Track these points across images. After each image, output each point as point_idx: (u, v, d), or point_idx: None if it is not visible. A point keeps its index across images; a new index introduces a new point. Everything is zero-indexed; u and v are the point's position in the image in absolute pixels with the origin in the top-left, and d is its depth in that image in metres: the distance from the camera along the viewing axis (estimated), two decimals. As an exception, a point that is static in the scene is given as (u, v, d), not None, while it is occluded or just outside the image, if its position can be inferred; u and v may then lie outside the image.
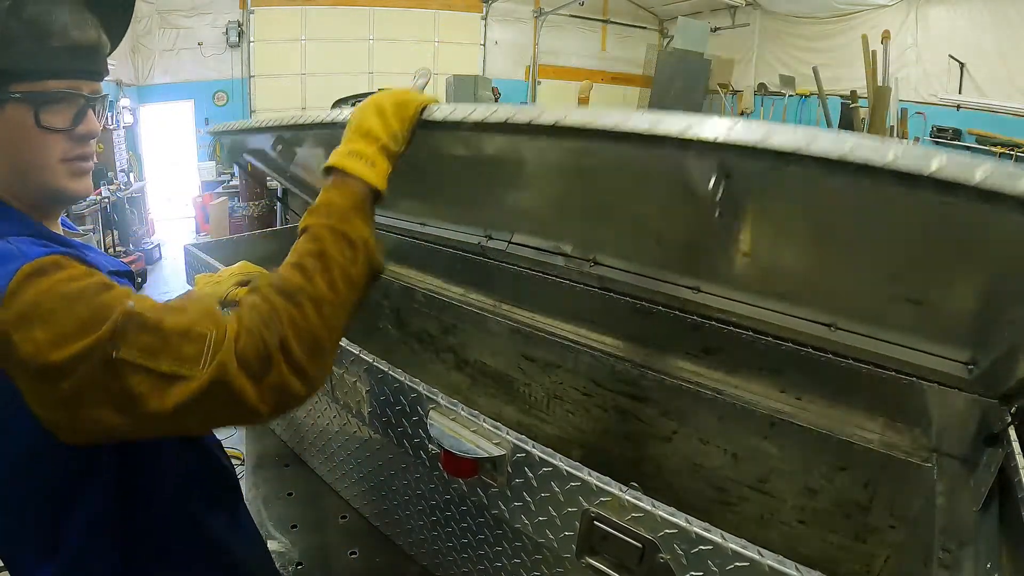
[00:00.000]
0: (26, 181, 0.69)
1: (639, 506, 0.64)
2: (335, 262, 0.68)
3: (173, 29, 8.15)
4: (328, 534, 1.26)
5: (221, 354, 0.59)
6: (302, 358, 0.63)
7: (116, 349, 0.57)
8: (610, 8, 10.58)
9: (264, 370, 0.61)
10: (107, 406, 0.58)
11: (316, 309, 0.65)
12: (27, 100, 0.65)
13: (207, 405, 0.59)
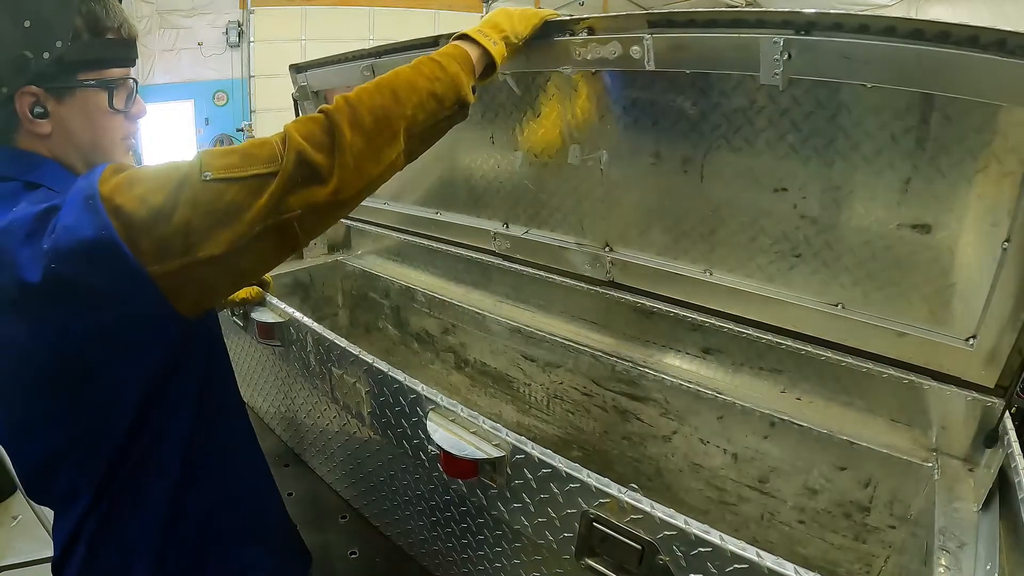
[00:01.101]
0: (90, 157, 0.77)
1: (638, 507, 0.64)
2: (423, 70, 0.83)
3: (173, 29, 8.15)
4: (328, 534, 1.26)
5: (291, 142, 0.69)
6: (368, 122, 0.74)
7: (205, 175, 0.65)
8: (610, 8, 10.59)
9: (330, 138, 0.72)
10: (217, 224, 0.65)
11: (391, 89, 0.78)
12: (100, 85, 0.75)
13: (294, 186, 0.68)
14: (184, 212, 0.64)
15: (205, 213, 0.65)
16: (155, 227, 0.63)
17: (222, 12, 8.44)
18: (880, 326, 1.08)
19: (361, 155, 0.74)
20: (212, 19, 8.38)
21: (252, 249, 0.68)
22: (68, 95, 0.73)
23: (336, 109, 0.75)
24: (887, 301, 1.06)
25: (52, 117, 0.73)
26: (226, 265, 0.67)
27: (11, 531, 2.41)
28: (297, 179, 0.69)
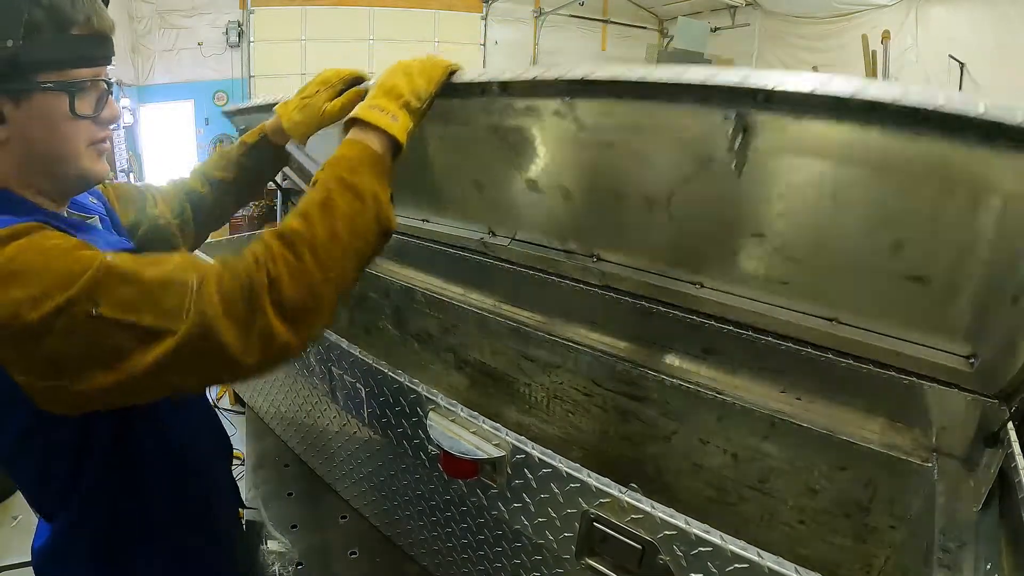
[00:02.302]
0: (51, 168, 0.69)
1: (639, 507, 0.64)
2: (339, 211, 0.67)
3: (173, 29, 8.15)
4: (328, 534, 1.26)
5: (202, 301, 0.58)
6: (294, 302, 0.61)
7: (96, 305, 0.55)
8: (610, 8, 10.58)
9: (250, 313, 0.59)
10: (93, 365, 0.57)
11: (313, 253, 0.63)
12: (60, 89, 0.66)
13: (191, 357, 0.58)
14: (55, 343, 0.55)
15: (81, 352, 0.56)
16: (22, 343, 0.55)
17: (222, 12, 8.44)
18: (878, 345, 1.07)
19: (283, 343, 0.61)
20: (212, 19, 8.38)
21: (126, 395, 0.60)
22: (25, 98, 0.64)
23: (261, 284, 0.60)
24: (883, 317, 1.05)
25: (8, 122, 0.64)
26: (95, 399, 0.59)
27: (11, 531, 2.41)
28: (195, 349, 0.58)
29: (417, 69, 0.82)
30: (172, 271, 0.60)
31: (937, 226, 0.78)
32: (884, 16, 7.32)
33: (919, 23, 7.10)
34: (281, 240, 0.63)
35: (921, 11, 7.08)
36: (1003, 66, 6.41)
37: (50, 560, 0.75)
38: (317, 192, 0.68)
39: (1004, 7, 6.30)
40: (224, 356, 0.58)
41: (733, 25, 9.65)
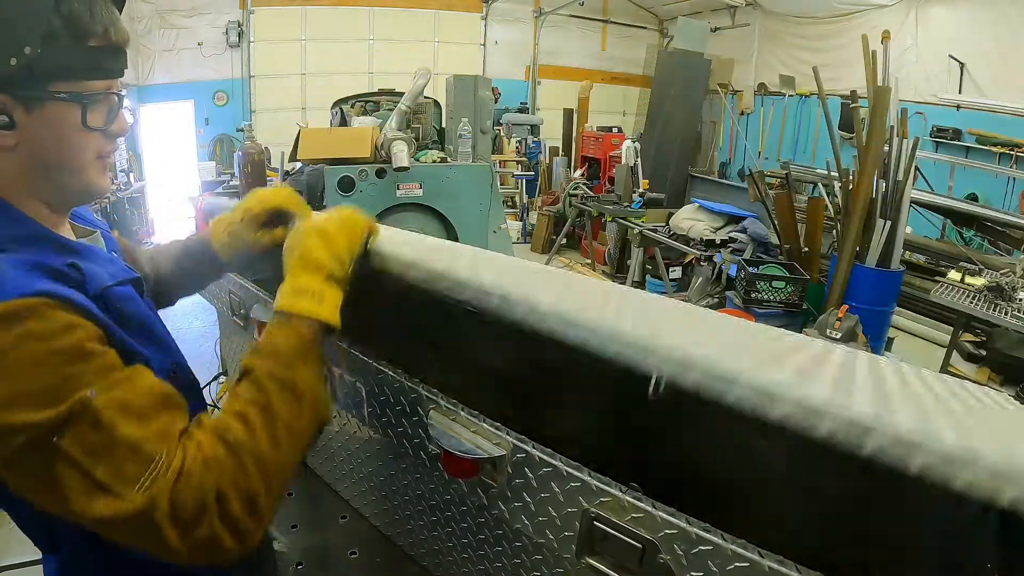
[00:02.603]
0: (57, 178, 0.68)
1: (639, 507, 0.64)
2: (279, 417, 0.65)
3: (173, 29, 8.16)
4: (328, 534, 1.26)
5: (157, 487, 0.56)
6: (238, 514, 0.59)
7: (60, 436, 0.54)
8: (610, 8, 10.59)
9: (195, 521, 0.58)
10: (33, 487, 0.57)
11: (258, 466, 0.61)
12: (73, 100, 0.65)
13: (127, 530, 0.57)
14: (9, 452, 0.54)
15: (28, 468, 0.56)
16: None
17: (222, 12, 8.46)
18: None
19: (222, 551, 0.59)
20: (212, 19, 8.40)
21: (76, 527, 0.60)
22: (37, 106, 0.64)
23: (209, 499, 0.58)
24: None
25: (19, 129, 0.63)
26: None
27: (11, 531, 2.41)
28: (133, 527, 0.56)
29: (335, 230, 0.78)
30: (147, 437, 0.58)
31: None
32: (884, 16, 7.33)
33: (919, 23, 7.10)
34: (228, 450, 0.61)
35: (921, 11, 7.09)
36: (1003, 66, 6.42)
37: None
38: (255, 391, 0.66)
39: (1004, 7, 6.30)
40: (160, 544, 0.57)
41: (733, 25, 9.66)
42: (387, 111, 4.42)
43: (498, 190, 4.45)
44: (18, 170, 0.66)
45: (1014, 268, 3.75)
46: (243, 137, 5.67)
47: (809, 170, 6.40)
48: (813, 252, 4.62)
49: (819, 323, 3.54)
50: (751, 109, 9.52)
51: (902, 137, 3.98)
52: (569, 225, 6.02)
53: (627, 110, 10.94)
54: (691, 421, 0.75)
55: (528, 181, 8.07)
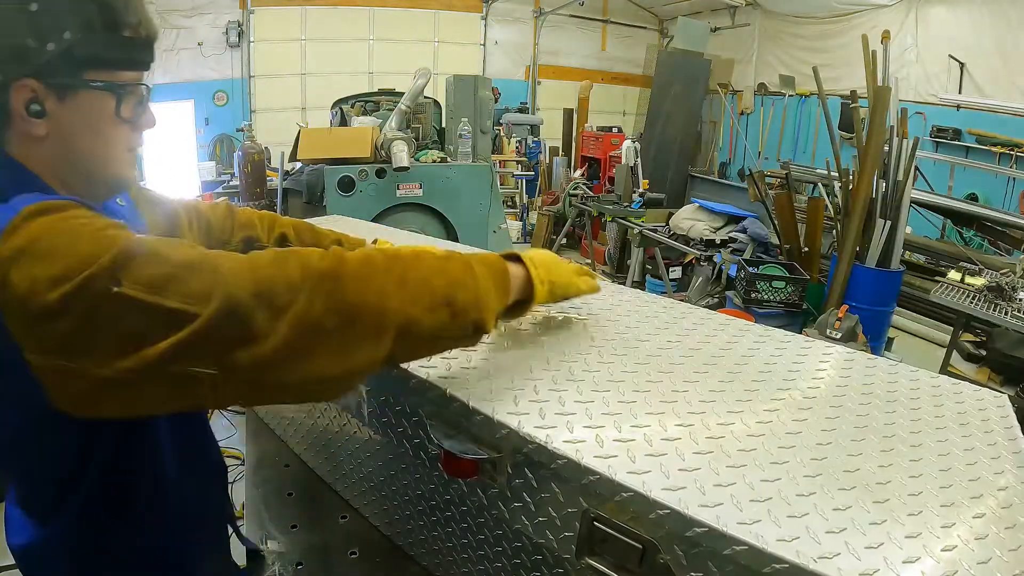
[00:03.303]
0: (86, 168, 0.68)
1: (639, 507, 0.63)
2: (442, 268, 0.67)
3: (173, 29, 8.15)
4: (328, 534, 1.26)
5: (231, 282, 0.54)
6: (354, 302, 0.57)
7: (118, 283, 0.52)
8: (610, 8, 10.59)
9: (287, 301, 0.55)
10: (109, 347, 0.53)
11: (400, 277, 0.62)
12: (109, 89, 0.66)
13: (215, 341, 0.54)
14: (74, 321, 0.52)
15: (98, 330, 0.52)
16: (37, 321, 0.52)
17: (222, 12, 8.46)
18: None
19: (319, 340, 0.57)
20: (212, 19, 8.40)
21: (143, 390, 0.56)
22: (71, 95, 0.63)
23: (319, 271, 0.58)
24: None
25: (50, 118, 0.63)
26: (107, 391, 0.55)
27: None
28: (221, 333, 0.54)
29: (565, 278, 0.90)
30: (202, 255, 0.57)
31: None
32: (884, 16, 7.33)
33: (919, 23, 7.11)
34: (364, 256, 0.61)
35: (921, 11, 7.09)
36: (1003, 66, 6.42)
37: (39, 563, 0.74)
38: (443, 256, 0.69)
39: (1004, 7, 6.30)
40: (250, 341, 0.54)
41: (733, 25, 9.66)
42: (387, 111, 4.42)
43: (498, 190, 4.45)
44: (49, 161, 0.65)
45: (1014, 268, 3.74)
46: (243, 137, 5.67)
47: (809, 170, 6.39)
48: (813, 252, 4.62)
49: (819, 323, 3.54)
50: (751, 109, 9.52)
51: (902, 137, 3.98)
52: (569, 225, 6.01)
53: (627, 110, 10.94)
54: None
55: (528, 181, 8.06)
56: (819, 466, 0.67)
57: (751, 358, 0.96)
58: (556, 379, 0.83)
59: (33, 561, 0.74)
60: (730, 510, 0.59)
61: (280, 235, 1.12)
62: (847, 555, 0.54)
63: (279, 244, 1.12)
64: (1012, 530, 0.60)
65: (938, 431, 0.78)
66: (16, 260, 0.52)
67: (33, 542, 0.72)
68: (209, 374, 0.55)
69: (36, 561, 0.74)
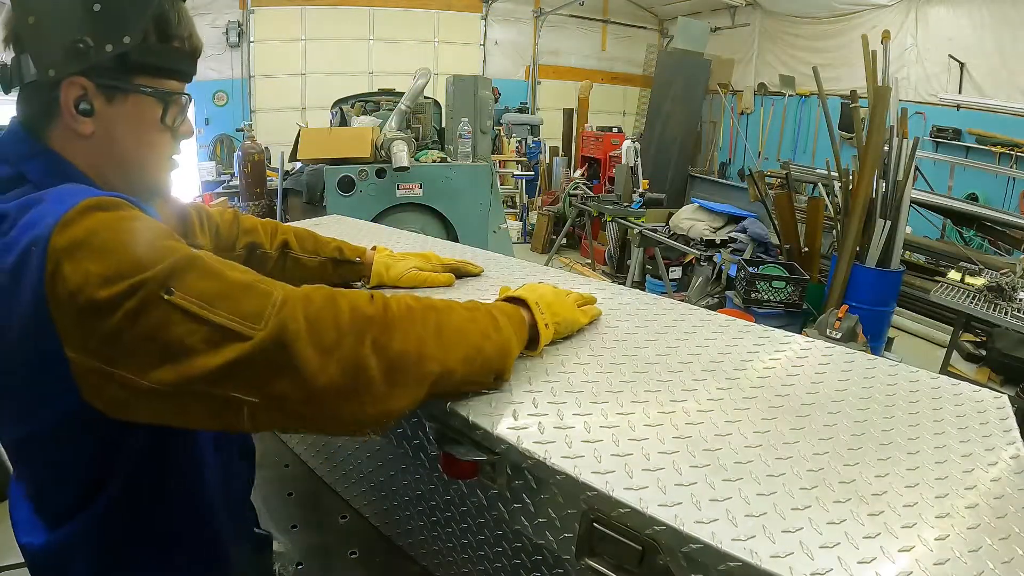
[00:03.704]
0: (128, 172, 0.69)
1: (639, 509, 0.64)
2: (473, 320, 0.72)
3: (173, 29, 8.14)
4: (328, 534, 1.26)
5: (284, 314, 0.55)
6: (398, 351, 0.60)
7: (169, 291, 0.52)
8: (610, 8, 10.59)
9: (336, 341, 0.56)
10: (151, 355, 0.52)
11: (436, 328, 0.66)
12: (157, 96, 0.67)
13: (260, 368, 0.54)
14: (120, 322, 0.51)
15: (143, 336, 0.52)
16: (84, 317, 0.52)
17: (222, 12, 8.45)
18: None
19: (364, 383, 0.58)
20: (212, 19, 8.39)
21: (180, 404, 0.55)
22: (120, 98, 0.65)
23: (367, 317, 0.60)
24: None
25: (97, 118, 0.64)
26: (143, 400, 0.54)
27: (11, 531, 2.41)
28: (268, 361, 0.54)
29: (568, 312, 0.93)
30: (257, 279, 0.57)
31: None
32: (884, 16, 7.33)
33: (919, 23, 7.10)
34: (404, 306, 0.64)
35: (921, 11, 7.08)
36: (1003, 66, 6.42)
37: (52, 566, 0.71)
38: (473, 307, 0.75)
39: (1004, 7, 6.30)
40: (297, 374, 0.54)
41: (733, 25, 9.66)
42: (387, 111, 4.42)
43: (498, 190, 4.45)
44: (91, 160, 0.66)
45: (1014, 268, 3.74)
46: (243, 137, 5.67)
47: (809, 170, 6.39)
48: (813, 252, 4.62)
49: (819, 323, 3.54)
50: (751, 109, 9.52)
51: (902, 137, 3.98)
52: (569, 225, 6.02)
53: (627, 110, 10.94)
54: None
55: (528, 181, 8.07)
56: (815, 477, 0.67)
57: (750, 362, 0.96)
58: (555, 391, 0.83)
59: (52, 559, 0.71)
60: (725, 526, 0.59)
61: (282, 241, 1.13)
62: (839, 571, 0.55)
63: (281, 250, 1.13)
64: (1006, 541, 0.60)
65: (936, 436, 0.78)
66: (71, 253, 0.52)
67: (52, 540, 0.69)
68: (249, 400, 0.55)
69: (55, 559, 0.71)
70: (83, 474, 0.66)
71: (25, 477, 0.70)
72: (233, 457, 0.87)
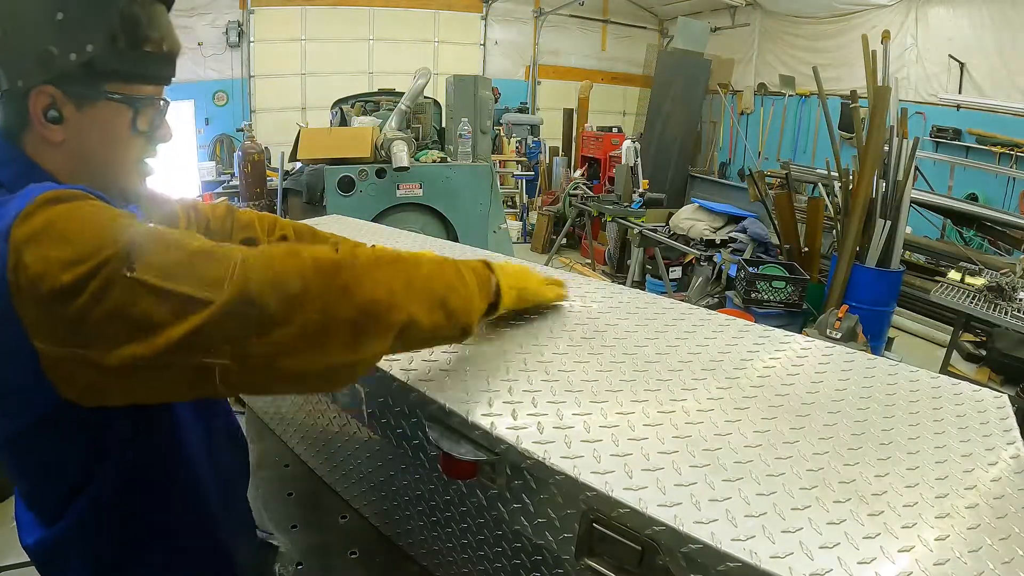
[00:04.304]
0: (99, 176, 0.69)
1: (638, 509, 0.64)
2: (440, 272, 0.73)
3: (173, 29, 8.14)
4: (328, 534, 1.26)
5: (247, 269, 0.55)
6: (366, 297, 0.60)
7: (131, 268, 0.52)
8: (610, 8, 10.59)
9: (303, 290, 0.56)
10: (120, 333, 0.53)
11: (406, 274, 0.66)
12: (126, 102, 0.67)
13: (228, 329, 0.54)
14: (86, 303, 0.51)
15: (109, 314, 0.52)
16: (49, 304, 0.52)
17: (222, 12, 8.45)
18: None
19: (333, 330, 0.58)
20: (212, 19, 8.39)
21: (153, 378, 0.56)
22: (88, 105, 0.65)
23: (334, 262, 0.60)
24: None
25: (66, 124, 0.65)
26: (116, 379, 0.55)
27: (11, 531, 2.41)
28: (235, 320, 0.54)
29: (534, 287, 0.98)
30: (215, 245, 0.58)
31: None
32: (884, 16, 7.33)
33: (919, 23, 7.10)
34: (373, 255, 0.65)
35: (921, 11, 7.08)
36: (1003, 66, 6.42)
37: (51, 562, 0.73)
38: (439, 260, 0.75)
39: (1004, 7, 6.30)
40: (264, 326, 0.55)
41: (733, 25, 9.66)
42: (387, 111, 4.43)
43: (498, 190, 4.45)
44: (63, 165, 0.67)
45: (1014, 268, 3.74)
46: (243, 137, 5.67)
47: (809, 170, 6.40)
48: (813, 252, 4.62)
49: (819, 323, 3.54)
50: (751, 109, 9.52)
51: (902, 137, 3.98)
52: (569, 225, 6.02)
53: (627, 110, 10.94)
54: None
55: (528, 181, 8.07)
56: (815, 477, 0.67)
57: (750, 362, 0.96)
58: (555, 390, 0.83)
59: (50, 556, 0.72)
60: (724, 526, 0.59)
61: (280, 237, 1.13)
62: (839, 571, 0.54)
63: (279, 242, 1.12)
64: (1006, 541, 0.60)
65: (936, 436, 0.78)
66: (31, 243, 0.52)
67: (47, 537, 0.70)
68: (220, 363, 0.55)
69: (53, 556, 0.72)
70: (69, 470, 0.66)
71: (16, 476, 0.71)
72: (223, 445, 0.87)
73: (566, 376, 0.86)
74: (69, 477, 0.67)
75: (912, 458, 0.72)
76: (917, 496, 0.65)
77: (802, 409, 0.82)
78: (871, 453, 0.72)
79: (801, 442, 0.74)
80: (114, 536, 0.71)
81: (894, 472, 0.69)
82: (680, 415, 0.79)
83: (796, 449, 0.72)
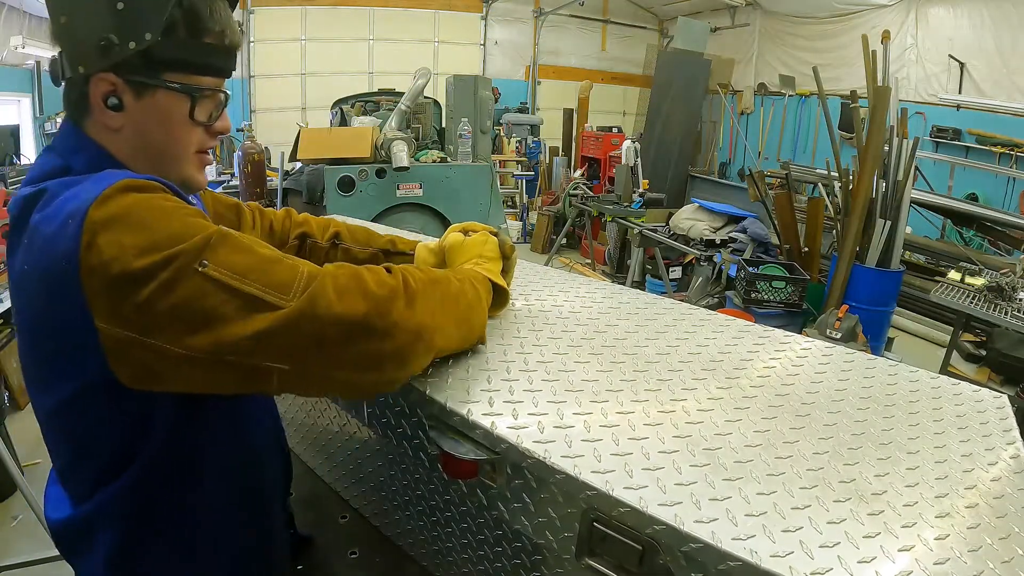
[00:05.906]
0: (157, 165, 0.70)
1: (639, 508, 0.64)
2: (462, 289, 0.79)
3: (173, 29, 8.14)
4: (328, 534, 1.26)
5: (316, 285, 0.59)
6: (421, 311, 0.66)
7: (203, 264, 0.55)
8: (610, 8, 10.60)
9: (364, 310, 0.60)
10: (183, 323, 0.55)
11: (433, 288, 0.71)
12: (185, 91, 0.68)
13: (292, 337, 0.58)
14: (155, 291, 0.54)
15: (176, 305, 0.54)
16: (117, 287, 0.54)
17: (222, 12, 8.44)
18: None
19: (387, 355, 0.64)
20: (212, 19, 8.38)
21: (208, 371, 0.58)
22: (148, 93, 0.66)
23: (392, 288, 0.64)
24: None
25: (126, 112, 0.66)
26: (174, 366, 0.57)
27: (11, 531, 2.41)
28: (299, 331, 0.58)
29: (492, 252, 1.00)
30: (284, 256, 0.62)
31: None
32: (884, 16, 7.33)
33: (919, 23, 7.11)
34: (418, 272, 0.70)
35: (921, 11, 7.09)
36: (1003, 66, 6.42)
37: (73, 540, 0.72)
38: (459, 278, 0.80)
39: (1004, 7, 6.31)
40: (324, 339, 0.59)
41: (733, 25, 9.66)
42: (387, 111, 4.43)
43: (498, 190, 4.45)
44: (126, 151, 0.68)
45: (1014, 268, 3.74)
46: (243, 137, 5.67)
47: (809, 170, 6.40)
48: (813, 252, 4.62)
49: (819, 323, 3.54)
50: (751, 109, 9.52)
51: (902, 137, 3.98)
52: (569, 225, 6.02)
53: (627, 110, 10.94)
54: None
55: (528, 181, 8.07)
56: (815, 477, 0.67)
57: (750, 362, 0.96)
58: (555, 390, 0.83)
59: (73, 535, 0.71)
60: (725, 525, 0.59)
61: (334, 233, 1.13)
62: (839, 570, 0.54)
63: (332, 242, 1.13)
64: (1006, 541, 0.60)
65: (936, 436, 0.78)
66: (107, 226, 0.54)
67: (76, 514, 0.69)
68: (279, 367, 0.58)
69: (79, 532, 0.70)
70: (108, 448, 0.66)
71: (53, 451, 0.71)
72: (270, 447, 0.87)
73: (567, 376, 0.86)
74: (106, 456, 0.66)
75: (912, 458, 0.72)
76: (917, 495, 0.65)
77: (802, 409, 0.82)
78: (871, 453, 0.72)
79: (801, 442, 0.74)
80: (142, 522, 0.70)
81: (894, 472, 0.69)
82: (680, 415, 0.78)
83: (796, 449, 0.72)
